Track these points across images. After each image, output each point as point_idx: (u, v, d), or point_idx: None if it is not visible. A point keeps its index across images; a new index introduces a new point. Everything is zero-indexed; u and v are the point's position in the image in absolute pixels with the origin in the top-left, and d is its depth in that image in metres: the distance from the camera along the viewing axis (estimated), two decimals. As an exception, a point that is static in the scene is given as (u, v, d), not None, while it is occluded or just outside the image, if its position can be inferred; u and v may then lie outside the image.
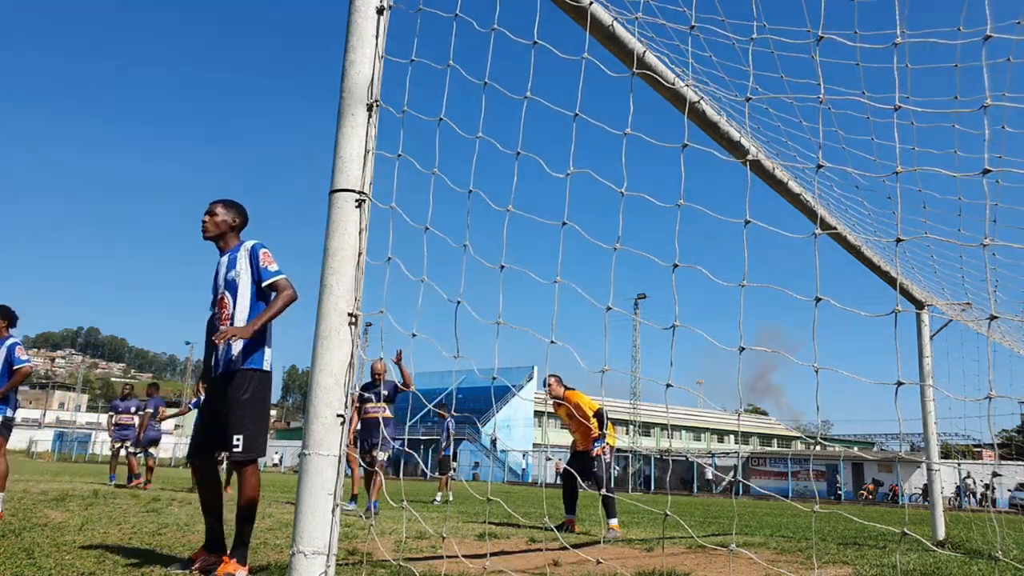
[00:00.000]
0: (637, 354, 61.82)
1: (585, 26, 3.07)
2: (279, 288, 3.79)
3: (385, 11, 2.42)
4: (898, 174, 2.38)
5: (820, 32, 2.71)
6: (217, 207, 3.93)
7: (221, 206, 3.94)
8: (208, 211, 3.93)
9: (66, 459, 52.86)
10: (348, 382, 2.21)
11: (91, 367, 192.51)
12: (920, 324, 7.87)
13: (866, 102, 3.58)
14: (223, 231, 3.92)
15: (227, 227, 3.93)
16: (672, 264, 2.39)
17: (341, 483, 2.16)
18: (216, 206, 3.94)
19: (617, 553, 5.54)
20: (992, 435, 39.32)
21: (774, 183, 4.87)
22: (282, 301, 3.75)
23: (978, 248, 4.41)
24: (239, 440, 3.63)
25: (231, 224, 3.94)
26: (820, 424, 48.22)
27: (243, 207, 4.02)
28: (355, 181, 2.29)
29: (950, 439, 36.80)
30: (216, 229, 3.91)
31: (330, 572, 2.09)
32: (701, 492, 41.45)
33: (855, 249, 6.10)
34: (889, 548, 6.71)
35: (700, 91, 3.89)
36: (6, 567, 3.42)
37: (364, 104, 2.34)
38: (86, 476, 17.11)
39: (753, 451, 52.12)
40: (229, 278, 3.82)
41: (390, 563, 4.03)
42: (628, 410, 60.35)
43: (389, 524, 6.92)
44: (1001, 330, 7.69)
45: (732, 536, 7.97)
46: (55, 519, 5.81)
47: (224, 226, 3.92)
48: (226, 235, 3.94)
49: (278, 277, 3.81)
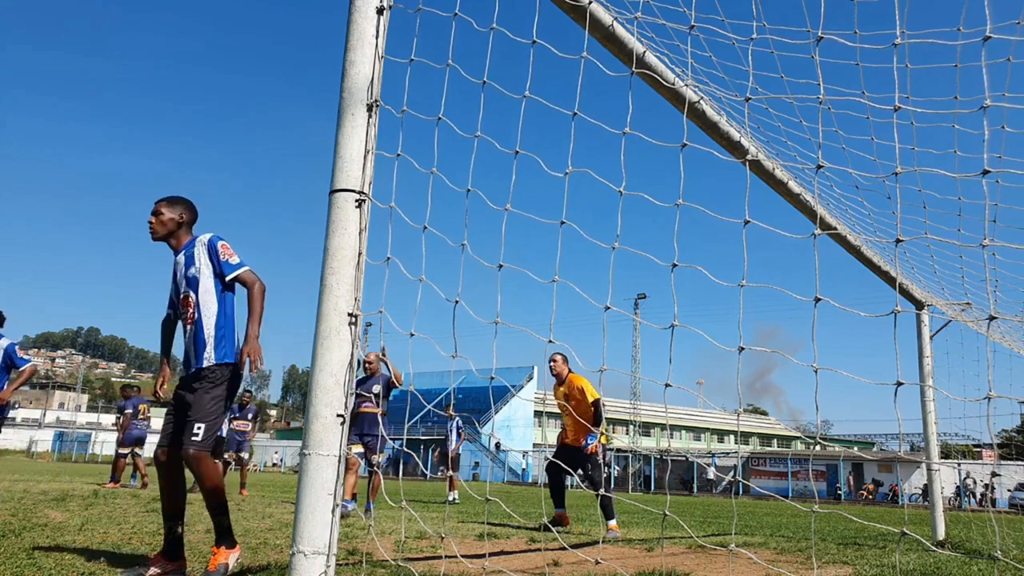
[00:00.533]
0: (637, 354, 61.83)
1: (584, 26, 3.07)
2: (247, 282, 3.72)
3: (385, 11, 2.42)
4: (898, 174, 2.38)
5: (820, 32, 2.71)
6: (161, 206, 3.83)
7: (165, 204, 3.84)
8: (153, 211, 3.83)
9: (66, 459, 52.89)
10: (348, 382, 2.21)
11: (91, 367, 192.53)
12: (920, 324, 7.87)
13: (866, 102, 3.58)
14: (171, 229, 3.83)
15: (175, 224, 3.83)
16: (671, 264, 2.39)
17: (341, 483, 2.16)
18: (160, 205, 3.84)
19: (617, 553, 5.54)
20: (992, 435, 39.31)
21: (774, 183, 4.87)
22: (260, 299, 3.69)
23: (978, 248, 4.42)
24: (200, 429, 3.55)
25: (179, 221, 3.84)
26: (820, 424, 48.21)
27: (190, 202, 3.92)
28: (355, 181, 2.29)
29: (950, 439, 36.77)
30: (164, 228, 3.81)
31: (330, 572, 2.09)
32: (701, 492, 41.46)
33: (855, 249, 6.10)
34: (889, 548, 6.71)
35: (700, 91, 3.89)
36: (6, 567, 3.42)
37: (364, 104, 2.34)
38: (86, 476, 17.11)
39: (753, 451, 52.13)
40: (190, 275, 3.74)
41: (390, 563, 4.03)
42: (628, 410, 60.36)
43: (389, 524, 6.92)
44: (1001, 330, 7.69)
45: (732, 536, 7.97)
46: (55, 519, 5.81)
47: (172, 224, 3.82)
48: (176, 233, 3.84)
49: (242, 270, 3.74)
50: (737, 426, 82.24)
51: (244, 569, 3.79)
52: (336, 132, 2.33)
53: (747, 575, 4.61)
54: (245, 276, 3.73)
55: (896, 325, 2.14)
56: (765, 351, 2.36)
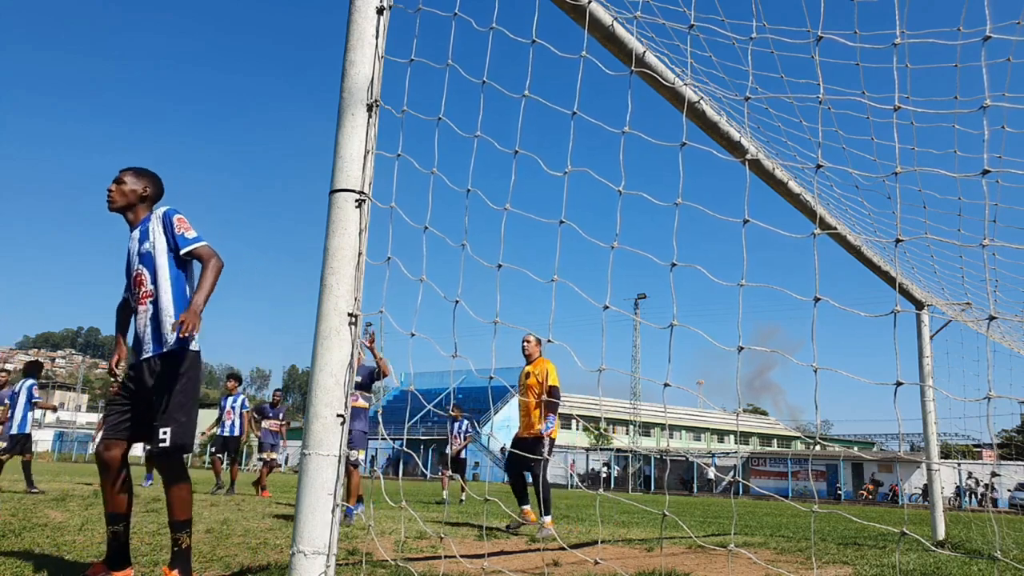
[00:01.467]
0: (637, 354, 61.89)
1: (584, 25, 3.07)
2: (203, 257, 3.39)
3: (385, 11, 2.42)
4: (898, 174, 2.38)
5: (820, 32, 2.71)
6: (126, 175, 3.52)
7: (131, 174, 3.53)
8: (115, 179, 3.52)
9: (66, 459, 52.87)
10: (348, 382, 2.21)
11: (91, 367, 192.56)
12: (920, 324, 7.87)
13: (866, 102, 3.58)
14: (132, 201, 3.50)
15: (136, 197, 3.51)
16: (670, 263, 2.39)
17: (341, 483, 2.16)
18: (125, 174, 3.52)
19: (617, 553, 5.54)
20: (992, 435, 39.32)
21: (774, 183, 4.87)
22: (214, 273, 3.35)
23: (978, 248, 4.42)
24: (166, 434, 3.20)
25: (141, 194, 3.52)
26: (820, 424, 48.20)
27: (158, 178, 3.61)
28: (355, 181, 2.29)
29: (950, 439, 36.78)
30: (123, 199, 3.49)
31: (330, 572, 2.09)
32: (701, 492, 41.47)
33: (855, 249, 6.10)
34: (889, 548, 6.71)
35: (700, 91, 3.89)
36: (6, 567, 3.42)
37: (364, 104, 2.34)
38: (86, 476, 17.11)
39: (753, 451, 52.15)
40: (143, 251, 3.43)
41: (390, 563, 4.03)
42: (628, 410, 60.39)
43: (389, 524, 6.92)
44: (1001, 330, 7.69)
45: (732, 536, 7.97)
46: (55, 519, 5.81)
47: (133, 196, 3.50)
48: (135, 206, 3.52)
49: (198, 244, 3.41)
50: (736, 426, 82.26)
51: (244, 569, 3.79)
52: (336, 132, 2.33)
53: (747, 575, 4.61)
54: (202, 250, 3.40)
55: (896, 325, 2.14)
56: (765, 351, 2.36)
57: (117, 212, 3.52)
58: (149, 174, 3.59)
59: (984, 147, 2.35)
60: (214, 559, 4.08)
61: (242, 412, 12.71)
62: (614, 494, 7.70)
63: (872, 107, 3.87)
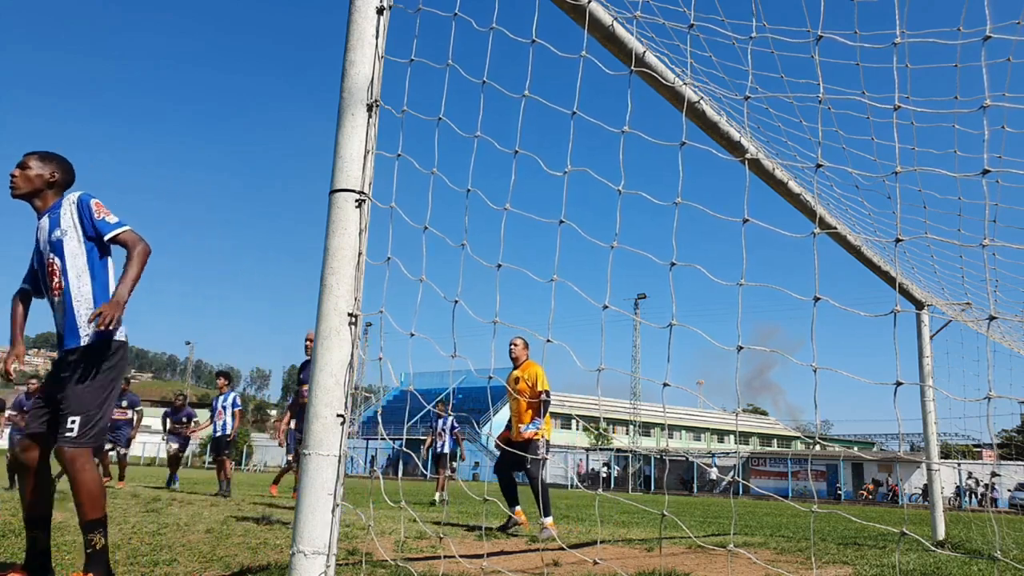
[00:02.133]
0: (637, 354, 61.85)
1: (584, 25, 3.07)
2: (128, 243, 3.19)
3: (385, 11, 2.42)
4: (898, 174, 2.38)
5: (820, 32, 2.71)
6: (31, 159, 3.29)
7: (36, 159, 3.30)
8: (19, 164, 3.30)
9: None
10: (348, 382, 2.21)
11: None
12: (920, 324, 7.87)
13: (866, 102, 3.58)
14: (38, 187, 3.28)
15: (43, 183, 3.29)
16: (670, 263, 2.39)
17: (342, 483, 2.16)
18: (30, 159, 3.30)
19: (617, 553, 5.54)
20: (992, 435, 39.32)
21: (774, 183, 4.87)
22: (140, 260, 3.16)
23: (978, 248, 4.42)
24: (74, 423, 3.00)
25: (48, 180, 3.30)
26: (820, 424, 48.18)
27: (68, 163, 3.40)
28: (355, 181, 2.29)
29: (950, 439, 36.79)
30: (28, 185, 3.27)
31: (330, 572, 2.09)
32: (701, 492, 41.47)
33: (855, 249, 6.11)
34: (889, 548, 6.71)
35: (700, 91, 3.89)
36: (6, 567, 3.42)
37: (364, 104, 2.34)
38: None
39: (753, 451, 52.15)
40: (54, 239, 3.20)
41: (390, 563, 4.03)
42: (628, 410, 60.38)
43: (389, 524, 6.92)
44: (1001, 330, 7.69)
45: (731, 536, 7.97)
46: (55, 519, 5.80)
47: (39, 181, 3.28)
48: (43, 192, 3.30)
49: (121, 229, 3.21)
50: (736, 426, 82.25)
51: (244, 569, 3.79)
52: (336, 132, 2.33)
53: (747, 575, 4.61)
54: (126, 236, 3.21)
55: (896, 325, 2.14)
56: (764, 350, 2.36)
57: (21, 199, 3.31)
58: (57, 158, 3.38)
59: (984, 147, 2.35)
60: (214, 559, 4.08)
61: (234, 411, 12.49)
62: (614, 494, 7.69)
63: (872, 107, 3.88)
